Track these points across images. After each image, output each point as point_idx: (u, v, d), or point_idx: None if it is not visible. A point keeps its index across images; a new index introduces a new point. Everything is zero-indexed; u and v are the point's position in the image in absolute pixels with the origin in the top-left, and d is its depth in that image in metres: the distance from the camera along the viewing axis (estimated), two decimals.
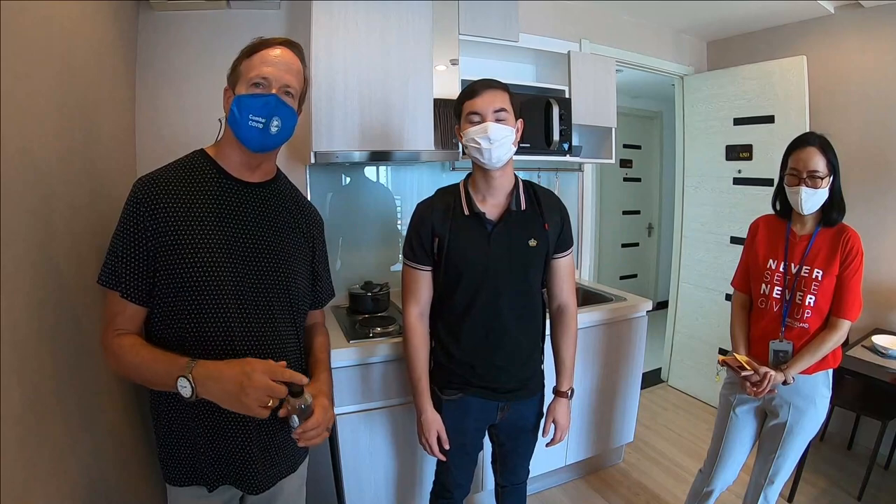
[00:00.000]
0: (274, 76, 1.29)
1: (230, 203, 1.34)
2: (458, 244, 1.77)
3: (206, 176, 1.33)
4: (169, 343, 1.26)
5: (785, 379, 1.93)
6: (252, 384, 1.13)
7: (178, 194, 1.27)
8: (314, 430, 1.27)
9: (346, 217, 2.94)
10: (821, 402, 2.02)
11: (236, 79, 1.32)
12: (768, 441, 2.10)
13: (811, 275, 1.96)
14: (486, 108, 1.69)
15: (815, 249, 1.98)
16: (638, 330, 2.98)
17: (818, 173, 1.90)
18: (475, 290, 1.78)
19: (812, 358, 1.94)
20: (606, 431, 3.05)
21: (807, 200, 1.93)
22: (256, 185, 1.40)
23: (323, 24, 2.32)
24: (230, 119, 1.29)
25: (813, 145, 1.93)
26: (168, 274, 1.24)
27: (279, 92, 1.30)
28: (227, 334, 1.28)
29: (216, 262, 1.27)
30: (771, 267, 2.07)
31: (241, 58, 1.33)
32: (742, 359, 1.99)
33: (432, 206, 1.83)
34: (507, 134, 1.70)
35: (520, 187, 1.83)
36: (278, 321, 1.39)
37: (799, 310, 1.98)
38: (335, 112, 2.36)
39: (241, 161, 1.37)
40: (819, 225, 2.00)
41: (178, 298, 1.25)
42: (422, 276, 1.84)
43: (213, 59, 2.56)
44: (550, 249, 1.85)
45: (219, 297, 1.27)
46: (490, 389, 1.85)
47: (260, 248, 1.36)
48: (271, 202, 1.43)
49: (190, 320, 1.26)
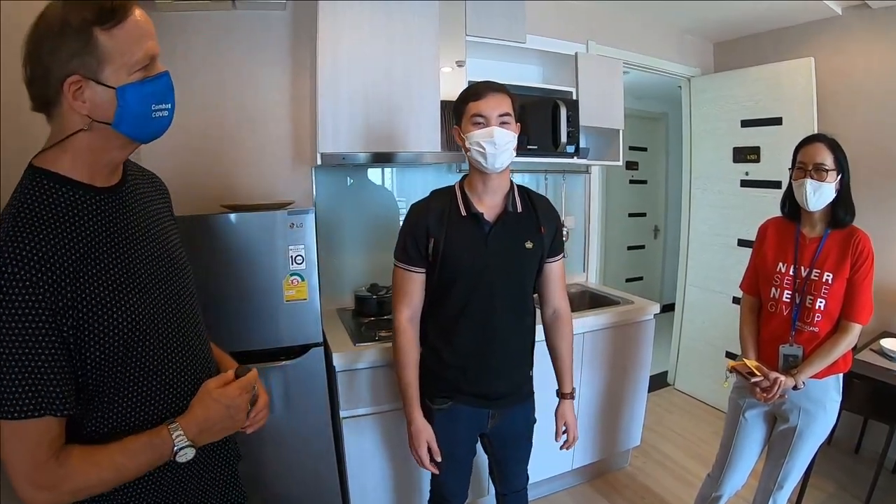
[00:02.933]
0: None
1: (114, 222, 1.04)
2: (455, 245, 1.74)
3: (72, 202, 0.97)
4: (108, 423, 1.00)
5: (795, 384, 1.91)
6: (238, 410, 1.10)
7: (63, 245, 0.93)
8: (263, 412, 1.23)
9: (351, 218, 2.93)
10: (831, 406, 2.00)
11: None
12: (778, 445, 2.07)
13: (821, 278, 1.94)
14: (491, 111, 1.67)
15: (825, 252, 1.96)
16: (645, 333, 2.97)
17: (824, 166, 1.89)
18: (470, 291, 1.76)
19: (822, 362, 1.92)
20: (613, 435, 3.04)
21: (811, 194, 1.92)
22: (119, 185, 1.09)
23: (329, 25, 2.31)
24: (124, 113, 0.96)
25: (821, 141, 1.93)
26: (99, 350, 0.95)
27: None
28: (177, 371, 1.11)
29: (145, 303, 1.04)
30: (780, 270, 2.05)
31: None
32: (752, 364, 1.97)
33: (427, 207, 1.81)
34: (511, 139, 1.69)
35: (514, 190, 1.83)
36: (198, 318, 1.24)
37: (809, 313, 1.96)
38: (341, 113, 2.36)
39: (110, 162, 1.05)
40: (828, 227, 1.98)
41: (120, 369, 0.99)
42: (415, 279, 1.81)
43: (219, 60, 2.58)
44: (545, 252, 1.84)
45: (161, 337, 1.07)
46: (481, 396, 1.83)
47: (165, 258, 1.15)
48: (139, 194, 1.15)
49: (134, 385, 1.02)
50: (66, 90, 0.91)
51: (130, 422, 1.02)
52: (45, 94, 0.94)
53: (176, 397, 1.09)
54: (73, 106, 0.92)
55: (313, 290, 2.21)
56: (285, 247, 2.15)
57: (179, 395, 1.10)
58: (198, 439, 1.04)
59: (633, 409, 3.06)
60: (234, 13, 2.59)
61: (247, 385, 1.12)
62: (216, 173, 2.64)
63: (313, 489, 2.34)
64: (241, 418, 1.12)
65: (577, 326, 2.64)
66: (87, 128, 0.95)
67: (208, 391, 1.07)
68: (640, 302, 3.01)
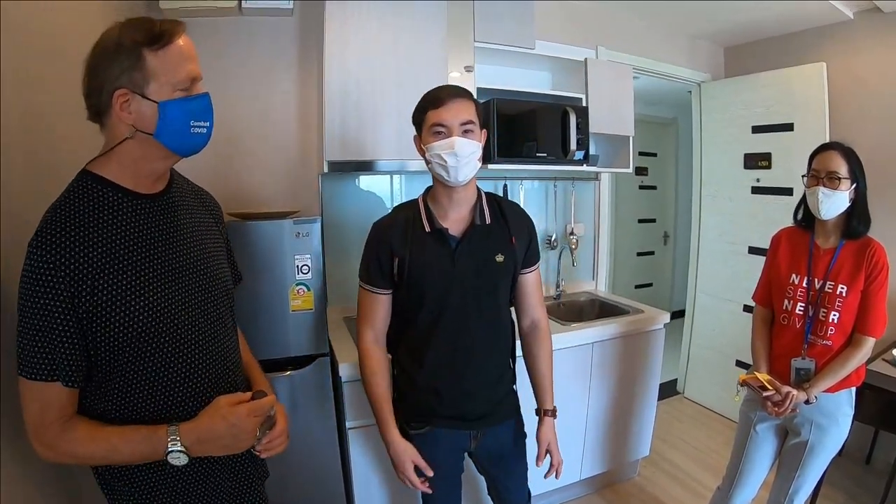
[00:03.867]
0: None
1: (150, 225, 1.15)
2: (420, 263, 1.63)
3: (112, 203, 1.10)
4: (119, 408, 1.11)
5: (807, 398, 1.88)
6: (243, 431, 1.12)
7: (93, 239, 1.05)
8: (279, 439, 1.25)
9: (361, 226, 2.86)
10: (843, 420, 1.96)
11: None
12: (789, 459, 2.04)
13: (835, 290, 1.91)
14: (452, 120, 1.53)
15: (839, 264, 1.93)
16: (655, 343, 2.93)
17: (837, 174, 1.86)
18: (439, 311, 1.65)
19: (835, 377, 1.88)
20: (621, 445, 3.01)
21: (824, 201, 1.89)
22: (162, 193, 1.21)
23: (335, 30, 2.31)
24: (165, 126, 1.08)
25: (835, 149, 1.91)
26: (113, 337, 1.05)
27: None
28: (191, 370, 1.18)
29: (166, 300, 1.13)
30: (793, 282, 2.01)
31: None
32: (763, 377, 1.94)
33: (391, 224, 1.70)
34: (474, 150, 1.56)
35: (483, 200, 1.71)
36: (228, 328, 1.32)
37: (822, 326, 1.93)
38: (348, 121, 2.35)
39: (153, 172, 1.17)
40: (843, 238, 1.95)
41: (132, 358, 1.09)
42: (379, 300, 1.71)
43: (225, 67, 2.57)
44: (518, 265, 1.74)
45: (178, 336, 1.15)
46: (458, 419, 1.72)
47: (196, 263, 1.24)
48: (181, 204, 1.26)
49: (146, 375, 1.11)
50: (115, 102, 1.04)
51: (140, 412, 1.11)
52: (97, 105, 1.07)
53: (189, 398, 1.16)
54: (120, 116, 1.05)
55: (319, 300, 2.20)
56: (291, 256, 2.14)
57: (193, 398, 1.17)
58: (194, 448, 1.08)
59: (642, 418, 3.02)
60: (241, 19, 2.58)
61: (257, 409, 1.14)
62: (223, 181, 2.62)
63: (319, 500, 2.32)
64: (246, 440, 1.14)
65: (585, 336, 2.65)
66: (132, 136, 1.07)
67: (218, 406, 1.12)
68: (650, 311, 2.98)
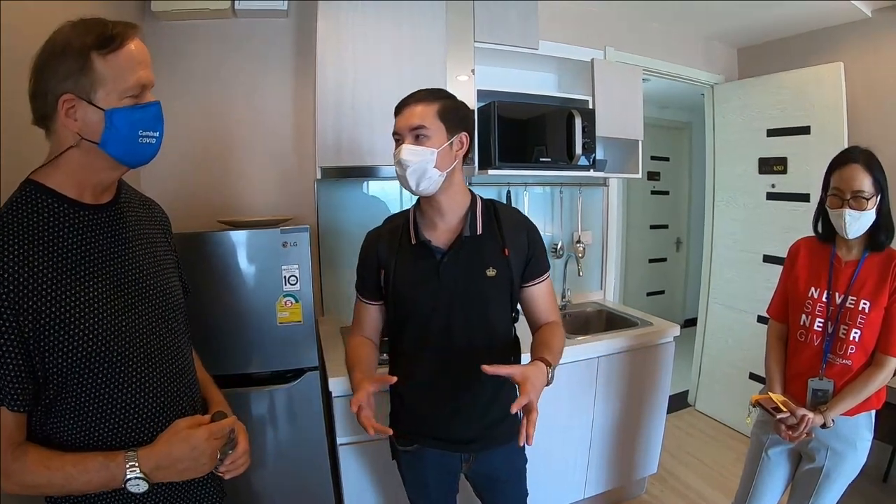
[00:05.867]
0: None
1: (97, 238, 1.09)
2: (404, 277, 1.57)
3: (56, 214, 1.04)
4: (70, 432, 1.04)
5: (823, 422, 1.75)
6: (203, 454, 1.08)
7: (37, 253, 0.99)
8: (242, 459, 1.21)
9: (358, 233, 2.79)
10: (861, 445, 1.83)
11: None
12: (802, 486, 1.91)
13: (857, 306, 1.78)
14: (403, 127, 1.48)
15: (862, 277, 1.79)
16: (664, 357, 2.81)
17: (863, 194, 1.72)
18: (425, 328, 1.57)
19: (854, 399, 1.76)
20: (629, 462, 2.89)
21: (851, 224, 1.75)
22: (109, 204, 1.15)
23: (328, 32, 2.24)
24: (111, 135, 1.02)
25: (857, 162, 1.74)
26: (60, 356, 0.99)
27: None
28: (146, 390, 1.12)
29: (116, 317, 1.07)
30: (812, 296, 1.88)
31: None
32: (778, 399, 1.81)
33: (379, 234, 1.66)
34: (423, 157, 1.46)
35: (477, 208, 1.60)
36: (183, 345, 1.26)
37: (842, 345, 1.79)
38: (342, 125, 2.29)
39: (100, 182, 1.11)
40: (867, 250, 1.82)
41: (83, 379, 1.02)
42: (369, 310, 1.68)
43: (220, 70, 2.53)
44: (515, 278, 1.60)
45: (130, 354, 1.09)
46: (445, 440, 1.64)
47: (147, 276, 1.18)
48: (129, 216, 1.20)
49: (98, 397, 1.05)
50: (60, 107, 0.99)
51: (94, 436, 1.06)
52: (42, 109, 1.01)
53: (145, 420, 1.11)
54: (65, 123, 1.00)
55: (308, 312, 2.11)
56: (278, 266, 2.05)
57: (149, 419, 1.12)
58: (154, 474, 1.04)
59: (650, 434, 2.90)
60: (235, 22, 2.54)
61: (218, 431, 1.11)
62: (217, 186, 2.59)
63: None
64: (206, 463, 1.10)
65: (591, 350, 2.54)
66: (77, 145, 1.02)
67: (177, 430, 1.08)
68: (660, 323, 2.86)
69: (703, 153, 4.32)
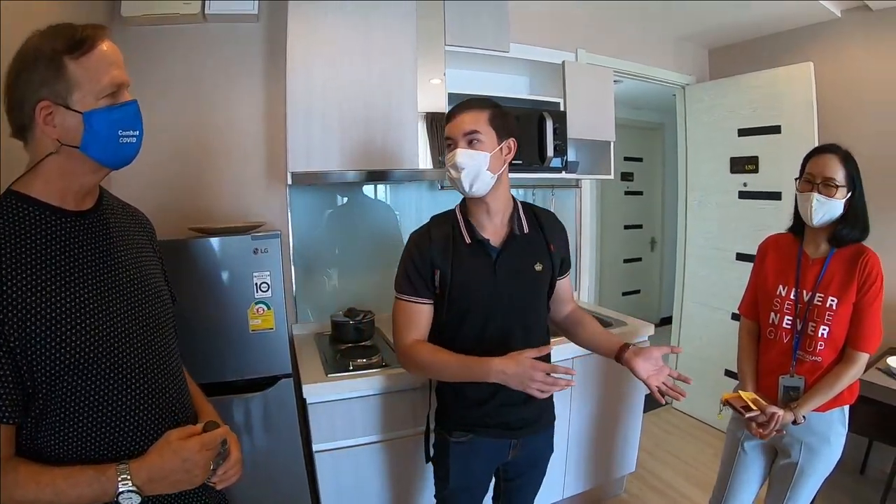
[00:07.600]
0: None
1: (82, 244, 1.08)
2: (462, 276, 1.64)
3: (39, 223, 1.03)
4: (60, 444, 1.03)
5: (795, 418, 1.77)
6: (196, 466, 1.07)
7: (20, 262, 0.97)
8: (234, 468, 1.20)
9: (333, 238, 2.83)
10: (836, 440, 1.85)
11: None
12: (778, 481, 1.93)
13: (825, 303, 1.80)
14: (456, 132, 1.58)
15: (830, 274, 1.82)
16: None
17: (834, 181, 1.75)
18: (484, 322, 1.66)
19: (825, 396, 1.78)
20: (606, 461, 2.90)
21: (817, 209, 1.78)
22: (92, 210, 1.14)
23: (300, 36, 2.22)
24: (91, 137, 1.02)
25: (834, 153, 1.79)
26: (48, 366, 0.97)
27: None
28: (137, 400, 1.11)
29: (104, 324, 1.06)
30: (780, 294, 1.91)
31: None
32: (748, 397, 1.83)
33: (429, 235, 1.70)
34: (478, 160, 1.56)
35: (519, 209, 1.73)
36: (173, 353, 1.25)
37: (811, 342, 1.82)
38: (313, 129, 2.26)
39: (82, 187, 1.10)
40: (833, 246, 1.84)
41: (72, 389, 1.01)
42: (422, 310, 1.68)
43: (191, 75, 2.50)
44: (556, 272, 1.76)
45: (120, 363, 1.07)
46: (504, 427, 1.72)
47: (135, 283, 1.16)
48: (113, 222, 1.19)
49: (88, 407, 1.03)
50: (37, 115, 0.98)
51: (85, 448, 1.04)
52: (20, 120, 1.01)
53: (137, 430, 1.10)
54: (44, 130, 0.99)
55: (281, 319, 2.10)
56: (250, 273, 2.03)
57: (141, 429, 1.10)
58: (146, 487, 1.02)
59: (627, 433, 2.92)
60: (205, 26, 2.50)
61: (209, 442, 1.10)
62: (188, 193, 2.54)
63: None
64: (199, 474, 1.08)
65: (566, 351, 2.53)
66: (57, 151, 1.01)
67: (168, 441, 1.06)
68: (634, 323, 2.87)
69: (675, 153, 4.37)
